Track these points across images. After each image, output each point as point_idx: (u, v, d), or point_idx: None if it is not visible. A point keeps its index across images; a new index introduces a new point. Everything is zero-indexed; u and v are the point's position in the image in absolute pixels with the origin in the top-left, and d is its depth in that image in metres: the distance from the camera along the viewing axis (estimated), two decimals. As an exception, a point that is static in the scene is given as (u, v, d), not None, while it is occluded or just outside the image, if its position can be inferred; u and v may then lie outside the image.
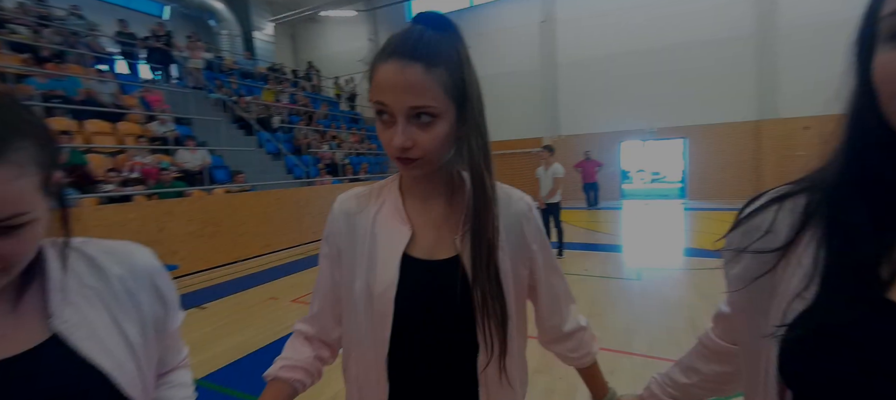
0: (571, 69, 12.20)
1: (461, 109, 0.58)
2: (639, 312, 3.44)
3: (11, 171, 0.40)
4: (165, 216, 5.25)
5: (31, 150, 0.42)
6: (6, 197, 0.40)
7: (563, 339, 0.78)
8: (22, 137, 0.41)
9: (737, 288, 0.46)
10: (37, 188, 0.43)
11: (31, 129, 0.43)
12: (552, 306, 0.76)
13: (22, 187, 0.41)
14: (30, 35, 6.91)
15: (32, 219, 0.43)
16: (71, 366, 0.48)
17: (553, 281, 0.75)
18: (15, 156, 0.40)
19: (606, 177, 11.57)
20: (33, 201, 0.43)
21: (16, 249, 0.43)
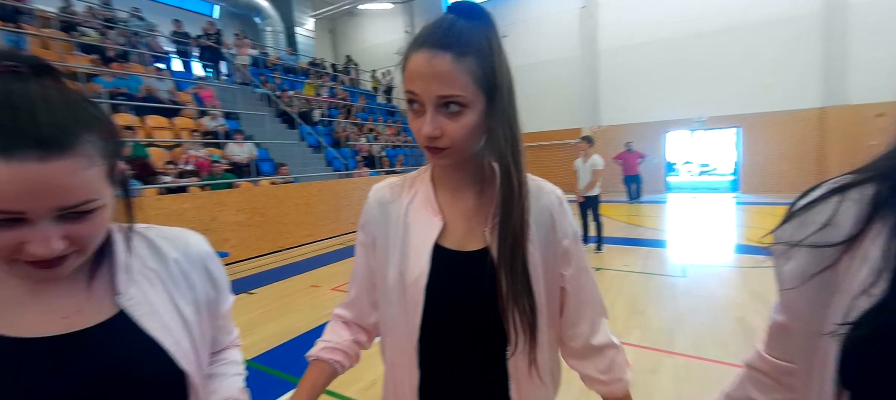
0: (613, 56, 11.69)
1: (491, 99, 0.58)
2: (683, 311, 3.29)
3: (82, 161, 0.44)
4: (217, 206, 5.58)
5: (98, 143, 0.46)
6: (78, 185, 0.44)
7: (590, 353, 0.71)
8: (90, 131, 0.45)
9: (792, 286, 0.44)
10: (104, 177, 0.47)
11: (97, 124, 0.47)
12: (578, 311, 0.70)
13: (91, 176, 0.45)
14: (97, 37, 7.52)
15: (101, 205, 0.47)
16: (135, 340, 0.53)
17: (582, 283, 0.70)
18: (84, 148, 0.44)
19: (649, 169, 11.06)
20: (101, 189, 0.47)
21: (88, 232, 0.47)
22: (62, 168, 0.42)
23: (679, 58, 10.86)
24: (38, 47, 6.59)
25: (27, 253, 0.43)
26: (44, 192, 0.42)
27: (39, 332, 0.49)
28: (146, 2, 11.64)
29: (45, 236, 0.43)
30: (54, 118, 0.42)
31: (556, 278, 0.68)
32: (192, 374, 0.56)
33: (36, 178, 0.41)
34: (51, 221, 0.43)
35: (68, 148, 0.42)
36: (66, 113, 0.44)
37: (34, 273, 0.46)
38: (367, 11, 15.68)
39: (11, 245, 0.43)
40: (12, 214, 0.41)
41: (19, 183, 0.40)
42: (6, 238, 0.42)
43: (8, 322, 0.48)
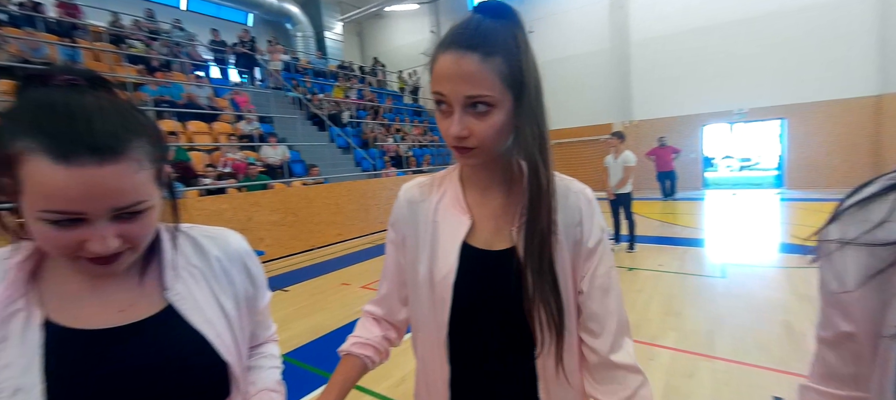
0: (646, 48, 11.27)
1: (518, 98, 0.58)
2: (722, 313, 3.15)
3: (133, 165, 0.47)
4: (253, 207, 5.82)
5: (147, 148, 0.49)
6: (129, 187, 0.47)
7: (608, 373, 0.64)
8: (140, 137, 0.49)
9: (844, 289, 0.41)
10: (152, 180, 0.51)
11: (146, 131, 0.50)
12: (599, 319, 0.65)
13: (142, 179, 0.48)
14: (143, 48, 7.99)
15: (150, 206, 0.51)
16: (182, 332, 0.57)
17: (608, 291, 0.65)
18: (135, 153, 0.47)
19: (685, 165, 10.62)
20: (150, 191, 0.50)
21: (139, 231, 0.51)
22: (116, 172, 0.45)
23: (717, 46, 10.35)
24: (90, 60, 7.08)
25: (87, 250, 0.47)
26: (100, 195, 0.45)
27: (98, 324, 0.53)
28: (186, 13, 12.28)
29: (101, 235, 0.47)
30: (108, 126, 0.46)
31: (581, 282, 0.67)
32: (233, 365, 0.60)
33: (93, 181, 0.44)
34: (107, 221, 0.47)
35: (121, 153, 0.46)
36: (119, 121, 0.47)
37: (93, 269, 0.50)
38: (393, 13, 15.87)
39: (74, 243, 0.47)
40: (73, 214, 0.45)
41: (79, 186, 0.43)
42: (69, 237, 0.46)
43: (71, 315, 0.52)
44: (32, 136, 0.43)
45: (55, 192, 0.43)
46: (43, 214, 0.44)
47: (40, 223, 0.45)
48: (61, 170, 0.43)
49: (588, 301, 0.65)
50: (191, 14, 12.40)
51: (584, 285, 0.65)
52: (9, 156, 0.44)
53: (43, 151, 0.43)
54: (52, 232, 0.45)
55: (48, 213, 0.44)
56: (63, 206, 0.44)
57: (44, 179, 0.43)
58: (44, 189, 0.43)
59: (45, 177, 0.43)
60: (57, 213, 0.44)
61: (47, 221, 0.45)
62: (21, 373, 0.47)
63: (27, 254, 0.52)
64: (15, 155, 0.44)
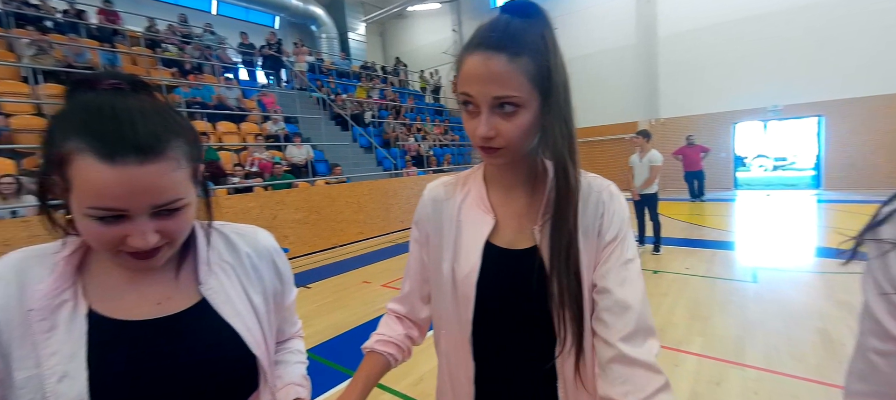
0: (674, 43, 10.93)
1: (546, 98, 0.57)
2: (753, 318, 3.03)
3: (171, 164, 0.50)
4: (278, 205, 5.97)
5: (184, 148, 0.52)
6: (168, 185, 0.50)
7: (624, 366, 0.57)
8: (178, 138, 0.51)
9: None
10: (189, 178, 0.53)
11: (183, 131, 0.53)
12: (615, 311, 0.59)
13: (179, 177, 0.51)
14: (176, 52, 8.32)
15: (187, 203, 0.53)
16: (215, 325, 0.59)
17: (626, 284, 0.60)
18: (173, 152, 0.50)
19: (714, 164, 10.24)
20: (187, 188, 0.53)
21: (176, 227, 0.53)
22: (157, 170, 0.48)
23: (750, 40, 9.93)
24: (128, 63, 7.43)
25: (128, 245, 0.50)
26: (142, 192, 0.48)
27: (138, 315, 0.57)
28: (216, 17, 12.70)
29: (142, 230, 0.50)
30: (150, 127, 0.49)
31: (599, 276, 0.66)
32: (262, 358, 0.62)
33: (136, 179, 0.47)
34: (147, 217, 0.50)
35: (161, 153, 0.49)
36: (159, 122, 0.50)
37: (133, 264, 0.54)
38: (415, 13, 15.95)
39: (116, 238, 0.50)
40: (117, 211, 0.48)
41: (123, 184, 0.46)
42: (112, 232, 0.49)
43: (113, 306, 0.56)
44: (81, 137, 0.46)
45: (102, 190, 0.46)
46: (90, 210, 0.47)
47: (87, 219, 0.48)
48: (107, 169, 0.46)
49: (603, 293, 0.61)
50: (221, 18, 12.82)
51: (598, 277, 0.61)
52: (60, 156, 0.47)
53: (91, 151, 0.46)
54: (97, 228, 0.48)
55: (95, 209, 0.47)
56: (108, 203, 0.47)
57: (91, 177, 0.46)
58: (91, 187, 0.46)
59: (92, 175, 0.46)
60: (103, 210, 0.47)
61: (93, 218, 0.48)
62: (67, 360, 0.51)
63: (74, 248, 0.56)
64: (65, 155, 0.47)
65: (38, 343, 0.51)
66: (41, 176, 0.52)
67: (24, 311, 0.51)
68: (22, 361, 0.50)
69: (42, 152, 0.51)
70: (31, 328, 0.51)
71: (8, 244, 3.70)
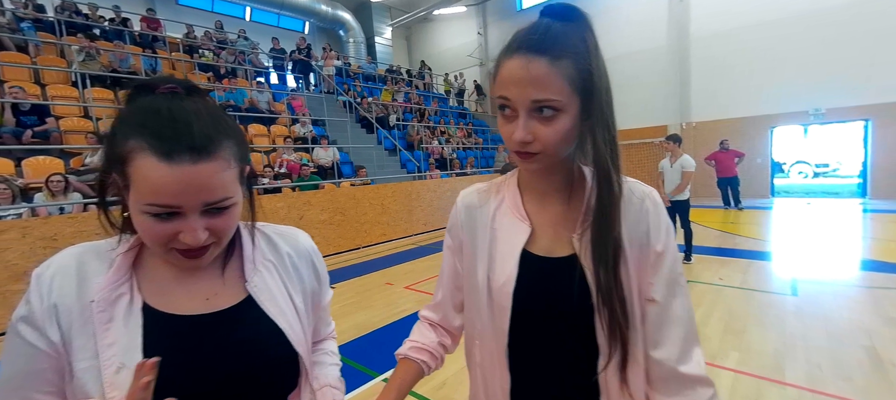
0: (707, 44, 10.54)
1: (586, 102, 0.57)
2: (793, 333, 2.87)
3: (222, 164, 0.52)
4: (305, 206, 6.11)
5: (234, 149, 0.54)
6: (219, 184, 0.52)
7: (677, 382, 0.60)
8: (229, 138, 0.53)
9: None
10: (237, 178, 0.55)
11: (233, 132, 0.55)
12: (665, 328, 0.60)
13: (229, 177, 0.53)
14: (212, 57, 8.66)
15: (235, 202, 0.55)
16: (260, 322, 0.61)
17: (675, 298, 0.61)
18: (224, 153, 0.52)
19: (750, 170, 9.81)
20: (235, 188, 0.55)
21: (224, 226, 0.55)
22: (209, 169, 0.50)
23: (790, 41, 9.47)
24: (168, 68, 7.79)
25: (180, 242, 0.52)
26: (196, 190, 0.50)
27: (188, 310, 0.59)
28: (250, 23, 13.16)
29: (193, 227, 0.52)
30: (203, 128, 0.51)
31: (647, 288, 0.64)
32: (304, 356, 0.64)
33: (190, 177, 0.49)
34: (198, 215, 0.52)
35: (213, 153, 0.51)
36: (212, 124, 0.52)
37: (183, 261, 0.56)
38: (440, 16, 16.04)
39: (169, 235, 0.52)
40: (172, 208, 0.50)
41: (178, 182, 0.49)
42: (167, 229, 0.51)
43: (165, 301, 0.58)
44: (141, 136, 0.49)
45: (159, 187, 0.48)
46: (147, 207, 0.50)
47: (143, 216, 0.51)
48: (165, 167, 0.48)
49: (653, 306, 0.61)
50: (254, 24, 13.28)
51: (647, 289, 0.62)
52: (121, 154, 0.50)
53: (150, 150, 0.48)
54: (153, 224, 0.51)
55: (152, 206, 0.50)
56: (164, 199, 0.49)
57: (150, 175, 0.48)
58: (149, 184, 0.49)
59: (151, 173, 0.48)
60: (159, 207, 0.50)
61: (150, 214, 0.50)
62: (124, 351, 0.53)
63: (129, 246, 0.58)
64: (126, 153, 0.50)
65: (97, 334, 0.53)
66: (102, 174, 0.55)
67: (84, 302, 0.54)
68: (82, 352, 0.53)
69: (105, 151, 0.54)
70: (91, 319, 0.53)
71: (56, 239, 3.94)
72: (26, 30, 6.55)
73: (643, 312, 0.63)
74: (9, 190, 4.01)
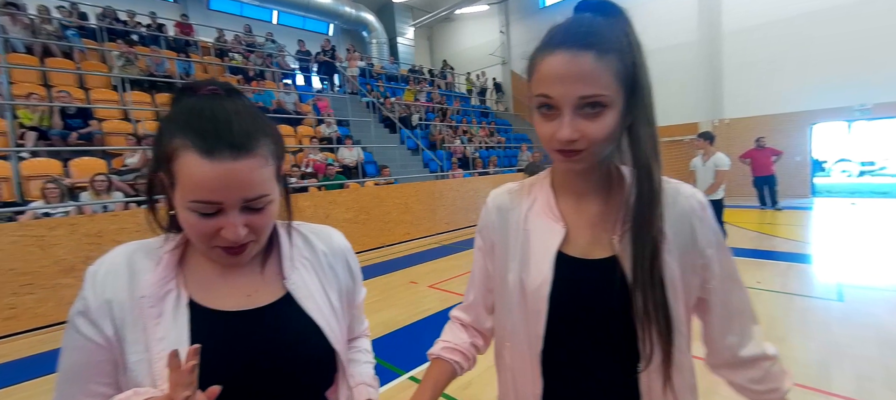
0: (742, 38, 10.10)
1: (630, 98, 0.56)
2: (840, 342, 2.71)
3: (260, 161, 0.53)
4: (330, 205, 6.21)
5: (271, 146, 0.55)
6: (257, 181, 0.53)
7: (740, 365, 0.66)
8: (266, 136, 0.55)
9: None
10: (274, 176, 0.57)
11: (270, 131, 0.56)
12: (727, 323, 0.65)
13: (267, 174, 0.55)
14: (242, 60, 8.93)
15: (272, 200, 0.57)
16: (299, 318, 0.62)
17: (731, 292, 0.64)
18: (262, 150, 0.54)
19: (789, 169, 9.34)
20: (272, 185, 0.56)
21: (262, 223, 0.56)
22: (248, 166, 0.52)
23: (831, 33, 8.96)
24: (200, 71, 8.08)
25: (221, 238, 0.54)
26: (235, 186, 0.51)
27: (231, 306, 0.60)
28: (277, 26, 13.50)
29: (234, 223, 0.53)
30: (243, 127, 0.53)
31: (695, 291, 0.63)
32: (341, 353, 0.64)
33: (230, 173, 0.51)
34: (238, 211, 0.53)
35: (252, 150, 0.52)
36: (250, 123, 0.54)
37: (225, 258, 0.57)
38: (462, 16, 16.02)
39: (212, 231, 0.54)
40: (214, 203, 0.52)
41: (219, 178, 0.50)
42: (209, 225, 0.53)
43: (209, 297, 0.60)
44: (185, 135, 0.51)
45: (201, 183, 0.50)
46: (191, 203, 0.52)
47: (188, 213, 0.53)
48: (207, 163, 0.50)
49: (712, 309, 0.64)
50: (281, 27, 13.63)
51: (704, 292, 0.64)
52: (167, 153, 0.52)
53: (193, 148, 0.50)
54: (197, 220, 0.53)
55: (195, 203, 0.51)
56: (206, 195, 0.51)
57: (193, 171, 0.50)
58: (193, 180, 0.50)
59: (194, 169, 0.50)
60: (202, 203, 0.51)
61: (194, 211, 0.52)
62: (174, 345, 0.54)
63: (176, 244, 0.60)
64: (172, 151, 0.52)
65: (147, 328, 0.55)
66: (150, 173, 0.57)
67: (135, 298, 0.56)
68: (134, 345, 0.55)
69: (152, 151, 0.56)
70: (142, 314, 0.55)
71: (100, 236, 4.15)
72: (71, 37, 6.92)
73: (692, 311, 0.64)
74: (58, 189, 4.25)
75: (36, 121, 5.17)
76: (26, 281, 3.77)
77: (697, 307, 0.66)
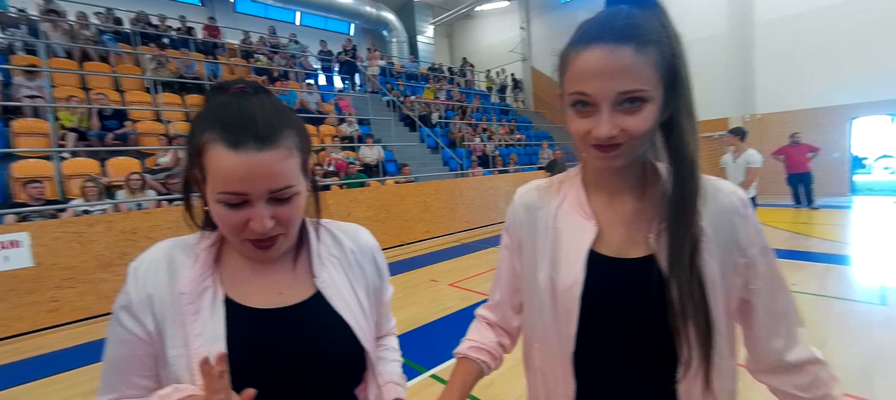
0: (774, 29, 9.67)
1: (669, 91, 0.54)
2: (883, 347, 2.57)
3: (284, 153, 0.54)
4: (351, 203, 6.30)
5: (295, 139, 0.56)
6: (281, 172, 0.54)
7: (786, 370, 0.62)
8: (290, 129, 0.56)
9: None
10: (299, 168, 0.57)
11: (293, 123, 0.57)
12: (772, 326, 0.61)
13: (291, 166, 0.55)
14: (266, 61, 9.14)
15: (298, 192, 0.57)
16: (329, 316, 0.63)
17: (776, 294, 0.61)
18: (286, 142, 0.55)
19: (826, 166, 8.89)
20: (298, 178, 0.57)
21: (289, 215, 0.57)
22: (272, 157, 0.53)
23: (872, 23, 8.47)
24: (227, 73, 8.31)
25: (250, 230, 0.55)
26: (261, 176, 0.53)
27: (264, 304, 0.61)
28: (299, 27, 13.75)
29: (260, 215, 0.54)
30: (267, 119, 0.54)
31: (737, 292, 0.60)
32: (370, 351, 0.65)
33: (255, 164, 0.52)
34: (264, 203, 0.54)
35: (276, 142, 0.53)
36: (275, 116, 0.55)
37: (255, 252, 0.58)
38: (482, 12, 15.94)
39: (241, 223, 0.55)
40: (240, 195, 0.53)
41: (245, 169, 0.52)
42: (238, 217, 0.54)
43: (243, 295, 0.61)
44: (213, 129, 0.53)
45: (228, 174, 0.52)
46: (220, 195, 0.53)
47: (218, 205, 0.54)
48: (233, 155, 0.51)
49: (756, 312, 0.61)
50: (303, 27, 13.88)
51: (748, 293, 0.61)
52: (198, 147, 0.54)
53: (220, 140, 0.52)
54: (226, 213, 0.54)
55: (224, 194, 0.53)
56: (233, 187, 0.52)
57: (220, 163, 0.52)
58: (220, 172, 0.52)
59: (221, 161, 0.52)
60: (229, 194, 0.53)
61: (223, 203, 0.53)
62: (211, 341, 0.56)
63: (212, 241, 0.62)
64: (201, 146, 0.54)
65: (186, 323, 0.57)
66: (186, 171, 0.59)
67: (175, 293, 0.58)
68: (173, 340, 0.56)
69: (186, 148, 0.58)
70: (181, 310, 0.57)
71: (135, 232, 4.33)
72: (107, 41, 7.23)
73: (734, 314, 0.61)
74: (96, 187, 4.46)
75: (75, 122, 5.44)
76: (68, 276, 3.97)
77: (740, 310, 0.63)
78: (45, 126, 5.20)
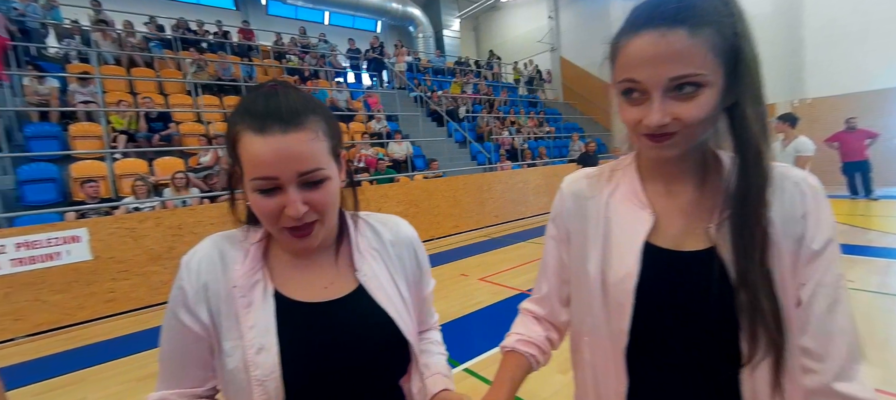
0: (825, 7, 8.99)
1: (732, 73, 0.50)
2: (958, 352, 2.35)
3: (310, 134, 0.55)
4: (382, 199, 6.38)
5: (322, 123, 0.57)
6: (308, 153, 0.55)
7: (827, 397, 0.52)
8: (314, 114, 0.57)
9: None
10: (328, 152, 0.58)
11: (319, 110, 0.58)
12: (824, 339, 0.52)
13: (318, 148, 0.56)
14: (298, 61, 9.37)
15: (328, 175, 0.58)
16: (372, 310, 0.63)
17: (834, 302, 0.52)
18: (311, 125, 0.56)
19: (886, 153, 8.21)
20: (326, 161, 0.57)
21: (321, 199, 0.57)
22: (297, 138, 0.54)
23: (945, -5, 7.71)
24: (261, 74, 8.58)
25: (286, 218, 0.56)
26: (288, 158, 0.53)
27: (310, 297, 0.63)
28: (328, 27, 14.02)
29: (293, 200, 0.55)
30: (291, 106, 0.55)
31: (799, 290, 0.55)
32: (413, 344, 0.65)
33: (281, 146, 0.53)
34: (295, 187, 0.55)
35: (301, 124, 0.55)
36: (300, 102, 0.57)
37: (293, 241, 0.59)
38: (508, 3, 15.67)
39: (276, 210, 0.56)
40: (271, 180, 0.54)
41: (272, 152, 0.53)
42: (272, 204, 0.55)
43: (290, 288, 0.63)
44: (243, 119, 0.55)
45: (258, 158, 0.53)
46: (253, 182, 0.54)
47: (254, 194, 0.55)
48: (260, 139, 0.53)
49: (810, 316, 0.53)
50: (332, 27, 14.14)
51: (805, 294, 0.53)
52: (232, 139, 0.56)
53: (249, 128, 0.54)
54: (261, 200, 0.55)
55: (256, 180, 0.54)
56: (263, 171, 0.53)
57: (250, 149, 0.53)
58: (251, 158, 0.54)
59: (250, 147, 0.53)
60: (260, 180, 0.54)
61: (257, 190, 0.55)
62: (263, 334, 0.57)
63: (260, 236, 0.63)
64: (235, 137, 0.56)
65: (239, 316, 0.58)
66: (229, 168, 0.61)
67: (228, 287, 0.60)
68: (228, 332, 0.58)
69: (226, 146, 0.60)
70: (235, 303, 0.59)
71: (180, 228, 4.56)
72: (153, 48, 7.63)
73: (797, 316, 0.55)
74: (145, 186, 4.73)
75: (125, 125, 5.78)
76: (122, 268, 4.24)
77: None
78: (98, 129, 5.55)
